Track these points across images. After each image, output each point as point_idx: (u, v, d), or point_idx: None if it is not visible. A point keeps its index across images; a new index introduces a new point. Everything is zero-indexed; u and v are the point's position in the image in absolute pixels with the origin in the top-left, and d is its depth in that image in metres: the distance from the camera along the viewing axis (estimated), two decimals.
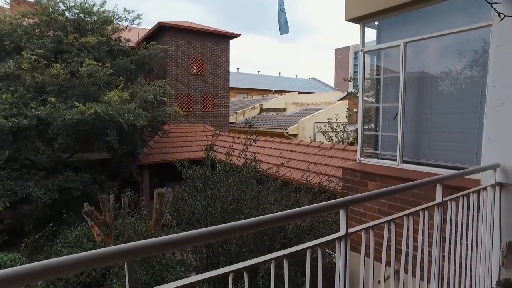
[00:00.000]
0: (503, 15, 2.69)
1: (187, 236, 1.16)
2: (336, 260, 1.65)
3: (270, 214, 1.48)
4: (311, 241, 1.54)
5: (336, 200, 1.59)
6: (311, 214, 1.53)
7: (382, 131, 4.30)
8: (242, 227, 1.36)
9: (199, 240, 1.31)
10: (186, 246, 3.20)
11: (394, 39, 4.17)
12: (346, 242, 1.62)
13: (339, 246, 1.61)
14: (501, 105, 2.90)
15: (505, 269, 2.88)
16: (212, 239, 1.30)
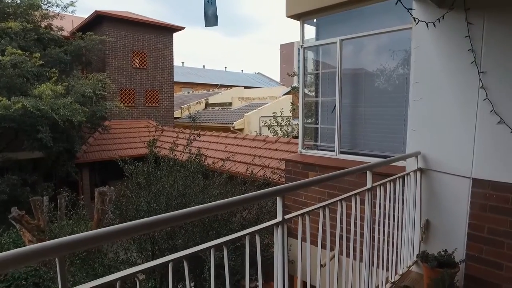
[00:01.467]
0: (418, 20, 3.00)
1: (121, 228, 1.15)
2: (274, 245, 1.74)
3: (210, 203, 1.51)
4: (250, 228, 1.61)
5: (272, 188, 1.67)
6: (250, 202, 1.60)
7: (321, 124, 4.54)
8: (184, 215, 1.37)
9: (134, 232, 1.30)
10: (120, 238, 3.11)
11: (331, 36, 4.41)
12: (284, 228, 1.71)
13: (277, 232, 1.71)
14: (421, 99, 3.23)
15: (424, 244, 3.24)
16: (147, 230, 1.30)
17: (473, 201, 2.96)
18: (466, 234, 3.01)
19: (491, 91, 2.83)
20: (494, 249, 2.87)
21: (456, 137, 3.03)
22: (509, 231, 2.79)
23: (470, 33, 2.90)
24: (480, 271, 2.96)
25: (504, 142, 2.78)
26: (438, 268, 2.84)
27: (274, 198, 1.69)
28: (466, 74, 2.94)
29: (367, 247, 2.54)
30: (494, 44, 2.81)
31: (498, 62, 2.80)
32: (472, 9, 2.88)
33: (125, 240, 4.77)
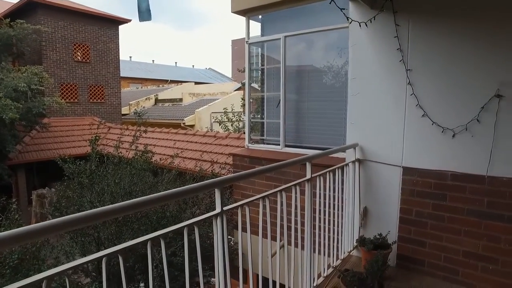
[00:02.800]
0: (351, 20, 3.20)
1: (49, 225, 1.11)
2: (214, 236, 1.77)
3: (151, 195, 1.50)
4: (188, 220, 1.63)
5: (210, 180, 1.71)
6: (188, 194, 1.61)
7: (267, 118, 4.65)
8: (120, 209, 1.34)
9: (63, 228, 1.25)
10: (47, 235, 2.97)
11: (276, 32, 4.52)
12: (222, 219, 1.75)
13: (216, 223, 1.74)
14: (358, 94, 3.45)
15: (362, 229, 3.48)
16: (83, 224, 1.26)
17: (403, 187, 3.24)
18: (398, 218, 3.28)
19: (416, 87, 3.10)
20: (420, 229, 3.17)
21: (389, 129, 3.28)
22: (431, 212, 3.10)
23: (398, 34, 3.15)
24: (409, 250, 3.25)
25: (428, 133, 3.07)
26: (374, 251, 3.08)
27: (213, 190, 1.72)
28: (396, 71, 3.20)
29: (308, 235, 2.67)
30: (418, 44, 3.08)
31: (421, 61, 3.07)
32: (400, 12, 3.13)
33: (66, 243, 4.51)
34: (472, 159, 2.89)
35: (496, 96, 2.75)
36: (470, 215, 2.93)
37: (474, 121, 2.85)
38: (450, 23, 2.94)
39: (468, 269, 2.97)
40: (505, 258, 2.81)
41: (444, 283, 3.04)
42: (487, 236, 2.87)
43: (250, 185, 4.52)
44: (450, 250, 3.05)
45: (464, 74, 2.88)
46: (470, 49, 2.85)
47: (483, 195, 2.87)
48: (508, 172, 2.75)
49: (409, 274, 3.20)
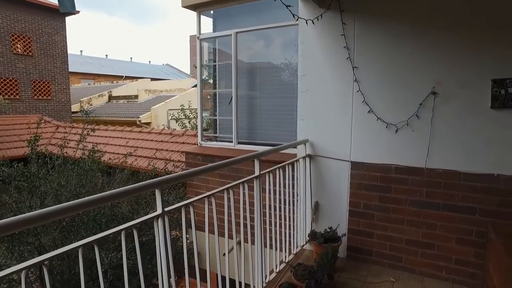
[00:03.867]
0: (297, 17, 3.24)
1: None
2: (155, 239, 1.70)
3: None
4: (126, 223, 1.55)
5: (150, 180, 1.63)
6: (128, 195, 1.52)
7: (219, 115, 4.60)
8: (60, 211, 1.27)
9: None
10: None
11: (227, 28, 4.47)
12: (164, 220, 1.69)
13: (157, 225, 1.67)
14: (307, 91, 3.50)
15: (314, 223, 3.56)
16: (19, 228, 1.15)
17: (352, 181, 3.35)
18: (348, 211, 3.39)
19: (362, 84, 3.21)
20: (368, 221, 3.30)
21: (337, 125, 3.37)
22: (377, 204, 3.24)
23: (345, 32, 3.23)
24: (358, 241, 3.37)
25: (373, 128, 3.19)
26: (324, 244, 3.16)
27: (153, 189, 1.65)
28: (343, 68, 3.28)
29: (258, 232, 2.67)
30: (363, 42, 3.18)
31: (366, 59, 3.18)
32: (346, 11, 3.21)
33: (1, 254, 4.14)
34: (413, 153, 3.05)
35: (432, 93, 2.92)
36: (412, 205, 3.10)
37: (414, 116, 3.01)
38: (392, 23, 3.06)
39: (410, 256, 3.15)
40: (440, 243, 3.01)
41: (389, 270, 3.20)
42: (426, 224, 3.05)
43: (203, 183, 4.45)
44: (394, 239, 3.21)
45: (405, 72, 3.02)
46: (409, 49, 2.99)
47: (422, 186, 3.04)
48: (442, 164, 2.94)
49: (358, 264, 3.33)
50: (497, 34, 2.68)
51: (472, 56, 2.77)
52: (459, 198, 2.91)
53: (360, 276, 3.11)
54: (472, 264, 2.91)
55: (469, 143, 2.83)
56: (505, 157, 2.72)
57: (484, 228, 2.81)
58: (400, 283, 3.01)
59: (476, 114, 2.79)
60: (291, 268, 2.95)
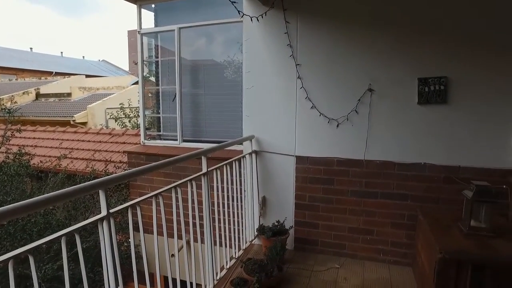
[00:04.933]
0: (242, 14, 3.26)
1: None
2: (101, 243, 1.60)
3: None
4: (67, 228, 1.43)
5: (94, 180, 1.53)
6: (69, 197, 1.41)
7: (163, 113, 4.46)
8: None
9: None
10: None
11: (170, 23, 4.33)
12: (109, 223, 1.59)
13: (102, 228, 1.57)
14: (252, 87, 3.54)
15: (262, 218, 3.63)
16: None
17: (297, 175, 3.46)
18: (294, 204, 3.51)
19: (305, 80, 3.33)
20: (313, 213, 3.45)
21: (282, 121, 3.46)
22: (322, 196, 3.40)
23: (288, 30, 3.32)
24: (304, 232, 3.51)
25: (316, 123, 3.33)
26: (272, 237, 3.23)
27: (96, 190, 1.55)
28: (287, 65, 3.38)
29: (208, 230, 2.64)
30: (305, 41, 3.30)
31: (309, 56, 3.31)
32: (289, 10, 3.30)
33: None
34: (353, 146, 3.25)
35: (369, 90, 3.13)
36: (353, 196, 3.30)
37: (353, 112, 3.20)
38: (331, 23, 3.22)
39: (352, 242, 3.36)
40: (379, 228, 3.26)
41: (334, 258, 3.38)
42: (366, 212, 3.28)
43: (148, 183, 4.28)
44: (338, 228, 3.39)
45: (344, 70, 3.20)
46: (348, 48, 3.17)
47: (362, 177, 3.26)
48: (379, 156, 3.18)
49: (306, 254, 3.46)
50: (421, 36, 2.95)
51: (401, 56, 3.02)
52: (394, 186, 3.17)
53: (307, 266, 3.24)
54: (404, 245, 3.20)
55: (401, 135, 3.10)
56: (429, 147, 3.03)
57: (414, 212, 3.10)
58: (344, 268, 3.20)
59: (406, 109, 3.06)
60: (242, 263, 2.97)
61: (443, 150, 3.00)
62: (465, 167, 2.96)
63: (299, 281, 2.96)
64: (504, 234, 2.40)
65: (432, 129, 3.01)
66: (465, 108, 2.91)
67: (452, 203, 2.98)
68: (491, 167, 2.89)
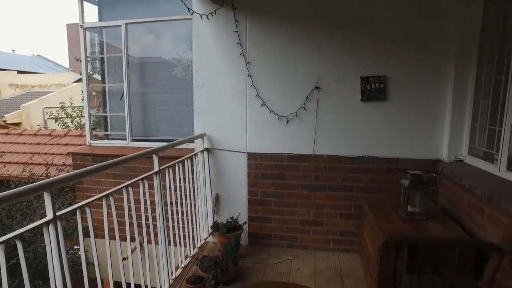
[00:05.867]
0: (192, 11, 3.25)
1: None
2: (47, 249, 1.51)
3: None
4: (7, 234, 1.34)
5: (37, 182, 1.44)
6: (11, 200, 1.32)
7: (110, 112, 4.27)
8: None
9: None
10: None
11: (116, 18, 4.15)
12: (56, 227, 1.51)
13: (47, 232, 1.49)
14: (203, 85, 3.53)
15: (216, 215, 3.64)
16: None
17: (249, 171, 3.53)
18: (247, 200, 3.57)
19: (255, 78, 3.40)
20: (266, 208, 3.54)
21: (233, 118, 3.50)
22: (274, 191, 3.50)
23: (238, 29, 3.37)
24: (258, 227, 3.59)
25: (267, 120, 3.42)
26: (227, 234, 3.26)
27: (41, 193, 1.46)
28: (237, 63, 3.42)
29: (161, 230, 2.60)
30: (255, 39, 3.37)
31: (258, 55, 3.38)
32: (238, 9, 3.34)
33: None
34: (302, 142, 3.39)
35: (316, 88, 3.29)
36: (303, 189, 3.45)
37: (302, 109, 3.34)
38: (279, 23, 3.32)
39: (304, 234, 3.51)
40: (328, 219, 3.44)
41: (287, 250, 3.50)
42: (315, 205, 3.44)
43: (95, 185, 4.07)
44: (290, 221, 3.52)
45: (293, 68, 3.32)
46: (296, 47, 3.29)
47: (311, 171, 3.41)
48: (327, 150, 3.35)
49: (260, 248, 3.54)
50: (361, 38, 3.16)
51: (345, 57, 3.21)
52: (340, 179, 3.36)
53: (262, 259, 3.33)
54: (352, 234, 3.41)
55: (346, 131, 3.30)
56: (372, 141, 3.26)
57: (359, 202, 3.32)
58: (297, 259, 3.34)
59: (350, 106, 3.26)
60: (197, 261, 2.97)
61: (384, 143, 3.25)
62: (403, 158, 3.24)
63: (254, 275, 3.03)
64: (433, 217, 2.67)
65: (374, 124, 3.24)
66: (401, 105, 3.18)
67: (392, 191, 3.24)
68: (423, 158, 3.20)
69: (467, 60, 2.94)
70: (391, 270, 2.36)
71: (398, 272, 2.33)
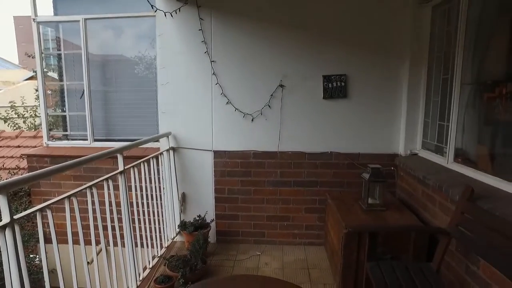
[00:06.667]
0: (156, 8, 3.20)
1: None
2: (2, 256, 1.44)
3: None
4: None
5: None
6: None
7: (69, 111, 4.09)
8: None
9: None
10: None
11: (74, 13, 3.98)
12: (13, 231, 1.45)
13: (3, 237, 1.42)
14: (167, 83, 3.49)
15: (183, 214, 3.62)
16: None
17: (216, 169, 3.54)
18: (214, 198, 3.58)
19: (220, 77, 3.41)
20: (233, 205, 3.57)
21: (199, 117, 3.49)
22: (240, 188, 3.54)
23: (202, 27, 3.36)
24: (225, 225, 3.61)
25: (232, 118, 3.45)
26: (195, 232, 3.26)
27: None
28: (202, 62, 3.41)
29: (128, 231, 2.55)
30: (220, 38, 3.37)
31: (223, 53, 3.39)
32: (203, 7, 3.33)
33: None
34: (268, 139, 3.45)
35: (280, 86, 3.36)
36: (269, 186, 3.52)
37: (267, 107, 3.40)
38: (243, 21, 3.35)
39: (271, 230, 3.58)
40: (294, 214, 3.54)
41: (255, 246, 3.56)
42: (282, 200, 3.53)
43: (54, 188, 3.88)
44: (257, 217, 3.58)
45: (258, 66, 3.37)
46: (262, 46, 3.34)
47: (277, 168, 3.49)
48: (291, 147, 3.44)
49: (228, 245, 3.57)
50: (323, 37, 3.28)
51: (309, 56, 3.31)
52: (305, 175, 3.47)
53: (230, 256, 3.36)
54: (317, 227, 3.54)
55: (310, 127, 3.40)
56: (335, 137, 3.40)
57: (324, 197, 3.45)
58: (265, 254, 3.40)
59: (313, 104, 3.37)
60: (165, 260, 2.95)
61: (346, 139, 3.40)
62: (364, 153, 3.40)
63: (223, 271, 3.06)
64: (392, 208, 2.85)
65: (336, 121, 3.38)
66: (361, 102, 3.34)
67: (355, 185, 3.40)
68: (382, 153, 3.38)
69: (419, 61, 3.16)
70: (354, 258, 2.49)
71: (360, 260, 2.46)
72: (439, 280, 1.96)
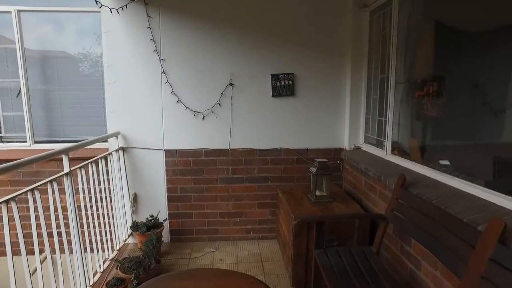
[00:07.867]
0: (101, 4, 3.09)
1: None
2: None
3: None
4: None
5: None
6: None
7: (3, 111, 3.79)
8: None
9: None
10: None
11: (4, 3, 3.67)
12: None
13: None
14: (115, 82, 3.38)
15: (135, 215, 3.55)
16: None
17: (167, 168, 3.51)
18: (166, 197, 3.55)
19: (170, 75, 3.39)
20: (186, 203, 3.57)
21: (149, 116, 3.44)
22: (193, 186, 3.55)
23: (151, 25, 3.30)
24: (179, 223, 3.61)
25: (183, 117, 3.44)
26: (147, 232, 3.21)
27: None
28: (151, 60, 3.36)
29: (75, 236, 2.45)
30: (169, 36, 3.34)
31: (172, 51, 3.37)
32: (151, 4, 3.28)
33: None
34: (219, 136, 3.50)
35: (230, 84, 3.42)
36: (221, 183, 3.57)
37: (217, 105, 3.44)
38: (192, 20, 3.35)
39: (225, 226, 3.64)
40: (246, 210, 3.63)
41: (210, 243, 3.60)
42: (234, 197, 3.60)
43: None
44: (211, 215, 3.62)
45: (208, 65, 3.39)
46: (211, 44, 3.37)
47: (228, 165, 3.55)
48: (241, 144, 3.53)
49: (182, 244, 3.57)
50: (271, 37, 3.40)
51: (257, 55, 3.40)
52: (256, 171, 3.57)
53: (185, 254, 3.36)
54: (269, 221, 3.66)
55: (259, 124, 3.51)
56: (284, 134, 3.54)
57: (275, 191, 3.58)
58: (220, 251, 3.46)
59: (263, 102, 3.48)
60: (117, 263, 2.87)
61: (295, 135, 3.55)
62: (311, 149, 3.58)
63: (178, 270, 3.05)
64: (338, 199, 3.05)
65: (284, 118, 3.52)
66: (308, 99, 3.51)
67: (303, 179, 3.57)
68: (329, 147, 3.59)
69: (360, 62, 3.40)
70: (304, 248, 2.64)
71: (310, 249, 2.61)
72: (379, 261, 2.16)
